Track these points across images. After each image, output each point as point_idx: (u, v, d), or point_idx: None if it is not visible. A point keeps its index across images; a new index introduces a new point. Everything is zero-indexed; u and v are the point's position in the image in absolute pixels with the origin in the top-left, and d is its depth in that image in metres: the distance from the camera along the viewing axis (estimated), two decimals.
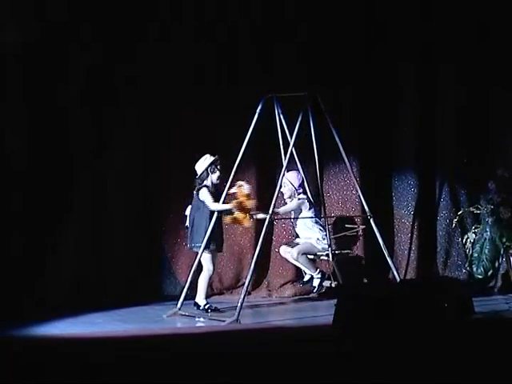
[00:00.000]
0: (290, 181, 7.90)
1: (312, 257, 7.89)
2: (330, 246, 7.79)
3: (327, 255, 7.77)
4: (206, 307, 7.49)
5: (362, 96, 8.66)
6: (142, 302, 8.01)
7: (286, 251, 7.98)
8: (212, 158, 7.59)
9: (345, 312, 5.20)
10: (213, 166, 7.56)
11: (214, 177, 7.56)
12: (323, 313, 7.39)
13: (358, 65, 8.61)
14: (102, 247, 8.18)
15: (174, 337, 6.33)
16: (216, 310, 7.49)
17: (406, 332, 4.90)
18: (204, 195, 7.54)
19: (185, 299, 7.50)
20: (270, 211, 7.33)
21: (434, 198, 8.75)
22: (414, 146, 8.77)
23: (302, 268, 7.93)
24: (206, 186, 7.55)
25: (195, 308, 7.50)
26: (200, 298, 7.50)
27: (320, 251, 7.83)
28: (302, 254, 7.76)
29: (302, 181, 7.93)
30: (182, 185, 8.45)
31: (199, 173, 7.58)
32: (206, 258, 7.53)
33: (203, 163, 7.59)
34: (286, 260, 8.11)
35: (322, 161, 8.60)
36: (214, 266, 7.57)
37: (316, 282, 7.85)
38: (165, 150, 8.51)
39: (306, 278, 7.94)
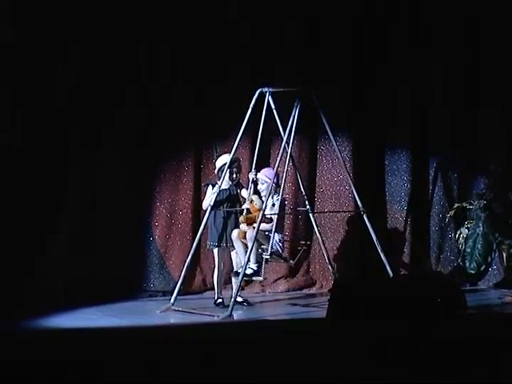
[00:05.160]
0: (268, 177, 7.66)
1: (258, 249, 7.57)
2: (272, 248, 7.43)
3: (270, 254, 7.40)
4: (216, 302, 7.64)
5: (358, 94, 8.63)
6: (135, 297, 8.01)
7: (239, 234, 7.50)
8: (228, 159, 7.57)
9: (335, 307, 5.20)
10: (224, 167, 7.55)
11: (227, 177, 7.60)
12: (317, 308, 7.48)
13: (356, 64, 8.62)
14: (94, 243, 8.12)
15: (166, 331, 6.25)
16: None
17: (398, 327, 4.88)
18: (207, 192, 7.60)
19: (178, 294, 7.49)
20: (263, 207, 7.31)
21: (427, 193, 8.77)
22: (408, 142, 8.77)
23: (241, 256, 7.49)
24: (212, 183, 7.60)
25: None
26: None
27: (267, 248, 7.44)
28: (256, 240, 7.36)
29: (277, 176, 7.68)
30: (174, 180, 8.54)
31: (216, 170, 7.65)
32: (214, 255, 7.69)
33: (219, 161, 7.62)
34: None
35: (314, 157, 8.76)
36: (220, 262, 7.62)
37: (249, 271, 7.38)
38: (157, 145, 8.46)
39: (241, 269, 7.38)
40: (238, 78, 8.49)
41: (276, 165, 7.51)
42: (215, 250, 7.67)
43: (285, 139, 7.51)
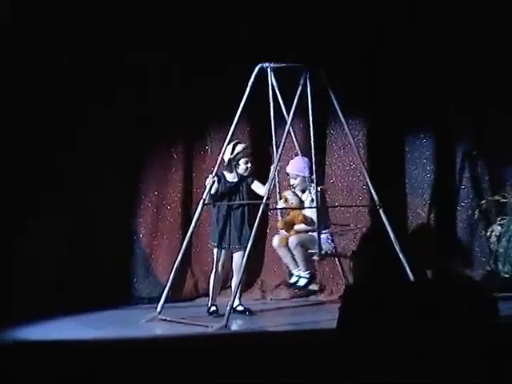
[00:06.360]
0: (298, 171, 7.72)
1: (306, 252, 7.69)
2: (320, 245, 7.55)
3: (320, 255, 7.58)
4: (210, 311, 7.69)
5: (373, 71, 8.63)
6: (116, 305, 8.03)
7: (281, 241, 7.64)
8: (239, 148, 7.65)
9: (347, 316, 5.18)
10: (237, 158, 7.63)
11: (239, 169, 7.69)
12: (325, 317, 7.44)
13: (368, 44, 8.61)
14: (69, 244, 8.13)
15: (152, 345, 6.27)
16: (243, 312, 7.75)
17: (421, 339, 4.85)
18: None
19: (166, 302, 7.53)
20: (264, 200, 7.33)
21: (454, 185, 8.76)
22: (431, 126, 8.78)
23: (290, 265, 7.66)
24: (218, 176, 7.64)
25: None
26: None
27: (316, 251, 7.56)
28: (301, 246, 7.55)
29: (311, 166, 7.70)
30: (162, 170, 8.58)
31: (225, 163, 7.67)
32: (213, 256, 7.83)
33: (228, 152, 7.64)
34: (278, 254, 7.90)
35: (323, 143, 8.72)
36: (218, 264, 7.72)
37: (302, 282, 7.61)
38: (141, 130, 8.46)
39: (293, 279, 7.66)
40: (235, 53, 8.47)
41: (279, 150, 7.50)
42: (215, 251, 7.77)
43: (289, 122, 7.52)
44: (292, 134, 7.88)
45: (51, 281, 7.87)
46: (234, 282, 7.65)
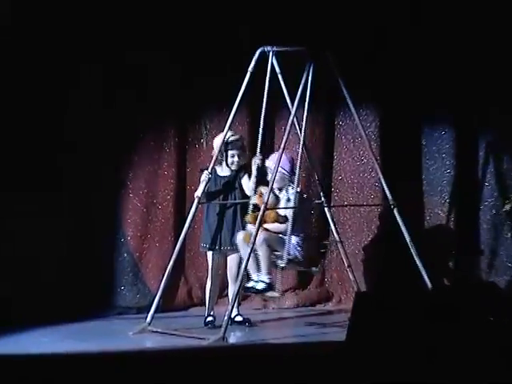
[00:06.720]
0: (281, 166, 7.62)
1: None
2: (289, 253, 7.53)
3: (286, 261, 7.49)
4: (206, 321, 7.68)
5: (386, 56, 8.64)
6: (101, 315, 8.06)
7: (245, 238, 7.48)
8: (230, 139, 7.66)
9: (358, 327, 5.14)
10: (223, 149, 7.64)
11: (228, 162, 7.70)
12: (333, 328, 7.56)
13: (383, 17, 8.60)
14: (49, 246, 8.07)
15: (141, 360, 6.22)
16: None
17: (442, 352, 4.78)
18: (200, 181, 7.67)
19: (156, 311, 7.51)
20: (265, 201, 7.30)
21: (476, 182, 8.76)
22: (451, 117, 8.77)
23: (251, 267, 7.50)
24: (206, 168, 7.64)
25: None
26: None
27: (283, 255, 7.51)
28: (268, 246, 7.45)
29: (293, 163, 7.71)
30: (152, 165, 8.56)
31: (216, 152, 7.68)
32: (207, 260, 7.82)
33: (216, 143, 7.66)
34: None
35: (331, 136, 8.81)
36: (213, 269, 7.72)
37: (260, 286, 7.47)
38: (129, 121, 8.46)
39: (251, 283, 7.50)
40: (235, 36, 8.52)
41: (282, 145, 7.47)
42: (209, 254, 7.75)
43: (293, 113, 7.50)
44: (296, 125, 7.82)
45: (30, 288, 7.84)
46: (231, 289, 7.61)
